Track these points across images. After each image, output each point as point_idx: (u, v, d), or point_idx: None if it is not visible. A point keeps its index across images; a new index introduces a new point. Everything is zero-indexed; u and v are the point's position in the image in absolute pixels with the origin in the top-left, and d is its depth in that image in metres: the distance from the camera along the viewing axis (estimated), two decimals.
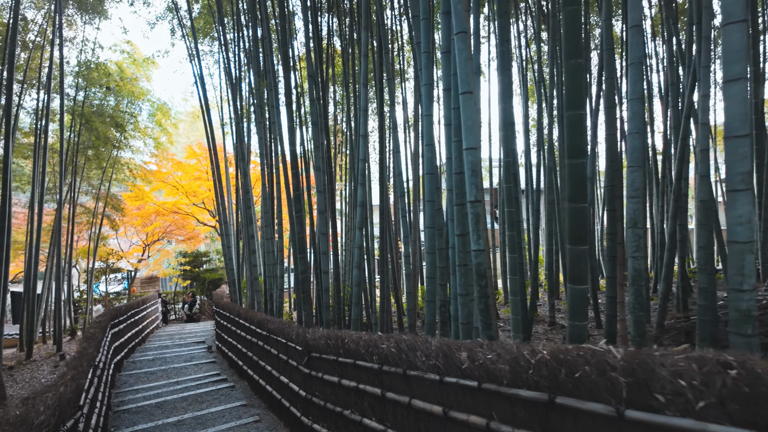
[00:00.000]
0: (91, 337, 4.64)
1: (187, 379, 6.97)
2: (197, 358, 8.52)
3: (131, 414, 5.47)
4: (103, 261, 18.49)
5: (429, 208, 4.23)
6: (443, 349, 2.29)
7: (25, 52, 11.60)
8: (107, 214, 14.92)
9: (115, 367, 7.26)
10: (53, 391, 2.18)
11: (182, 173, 17.59)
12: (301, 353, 4.22)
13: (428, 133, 4.17)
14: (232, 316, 7.60)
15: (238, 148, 9.31)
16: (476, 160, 2.58)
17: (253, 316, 6.04)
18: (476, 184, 2.56)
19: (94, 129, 12.33)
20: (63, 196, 12.62)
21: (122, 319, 8.33)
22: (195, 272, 20.48)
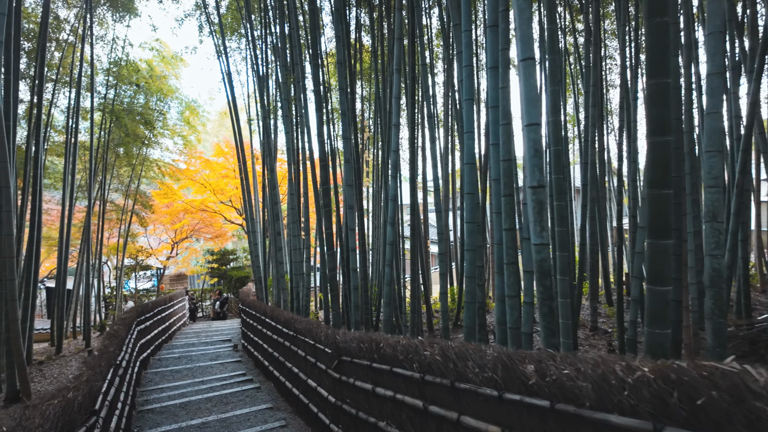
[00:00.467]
0: (114, 334, 4.48)
1: (213, 379, 6.80)
2: (223, 357, 8.38)
3: (155, 414, 5.30)
4: (132, 258, 18.78)
5: (469, 202, 3.87)
6: (503, 359, 1.94)
7: (58, 51, 11.76)
8: (136, 212, 15.08)
9: (141, 364, 7.17)
10: (60, 397, 1.95)
11: (210, 171, 17.68)
12: (331, 356, 3.93)
13: (468, 119, 3.82)
14: (257, 314, 7.41)
15: (264, 144, 9.14)
16: (538, 138, 2.22)
17: (279, 314, 5.80)
18: (539, 166, 2.20)
19: (124, 125, 12.43)
20: (94, 193, 12.77)
21: (148, 316, 8.26)
22: (222, 270, 20.59)
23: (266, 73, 10.32)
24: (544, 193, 2.28)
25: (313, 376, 4.51)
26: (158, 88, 13.31)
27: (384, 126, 7.00)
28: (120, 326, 5.10)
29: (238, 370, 7.36)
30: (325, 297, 7.44)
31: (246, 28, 11.31)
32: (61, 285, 9.46)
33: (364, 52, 11.79)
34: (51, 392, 2.26)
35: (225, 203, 18.45)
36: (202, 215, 19.57)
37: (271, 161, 8.87)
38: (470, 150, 3.84)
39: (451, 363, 2.27)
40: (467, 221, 3.89)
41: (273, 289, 10.25)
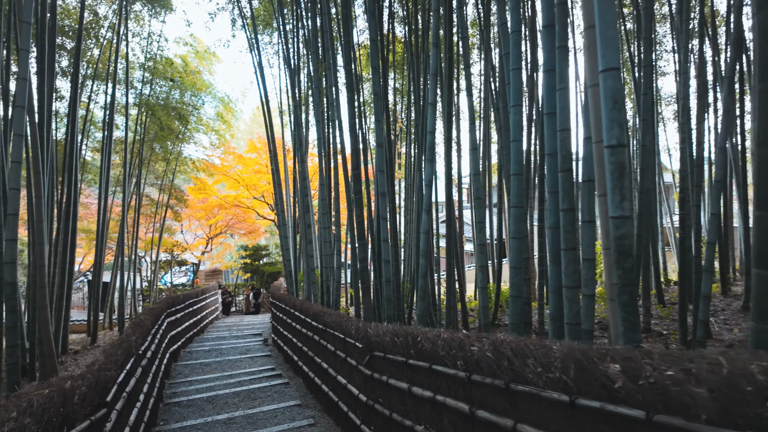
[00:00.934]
0: (139, 324, 4.32)
1: (241, 373, 6.63)
2: (253, 351, 8.24)
3: (182, 408, 5.15)
4: (168, 252, 19.15)
5: (516, 184, 3.47)
6: (575, 357, 1.56)
7: (97, 47, 11.99)
8: (171, 206, 15.30)
9: (171, 356, 7.09)
10: (53, 388, 1.71)
11: (243, 167, 17.78)
12: (362, 351, 3.61)
13: (516, 90, 3.41)
14: (287, 307, 7.20)
15: (295, 135, 8.95)
16: (618, 86, 1.81)
17: (308, 307, 5.54)
18: (618, 120, 1.79)
19: (157, 119, 12.57)
20: (130, 187, 13.00)
21: (179, 308, 8.21)
22: (255, 265, 20.75)
23: (298, 65, 10.17)
24: (625, 154, 1.87)
25: (342, 372, 4.21)
26: (192, 83, 13.40)
27: (417, 112, 6.64)
28: (146, 316, 4.96)
29: (268, 364, 7.18)
30: (356, 291, 7.15)
31: (278, 22, 11.20)
32: (98, 277, 9.59)
33: (397, 42, 11.47)
34: (54, 382, 2.03)
35: (258, 199, 18.54)
36: (235, 211, 19.75)
37: (301, 153, 8.66)
38: (517, 125, 3.43)
39: (505, 360, 1.90)
40: (514, 206, 3.48)
41: (303, 283, 10.07)
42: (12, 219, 4.10)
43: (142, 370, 3.88)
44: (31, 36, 4.46)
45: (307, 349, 5.76)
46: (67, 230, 7.53)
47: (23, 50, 4.32)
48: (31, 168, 5.40)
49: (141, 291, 17.64)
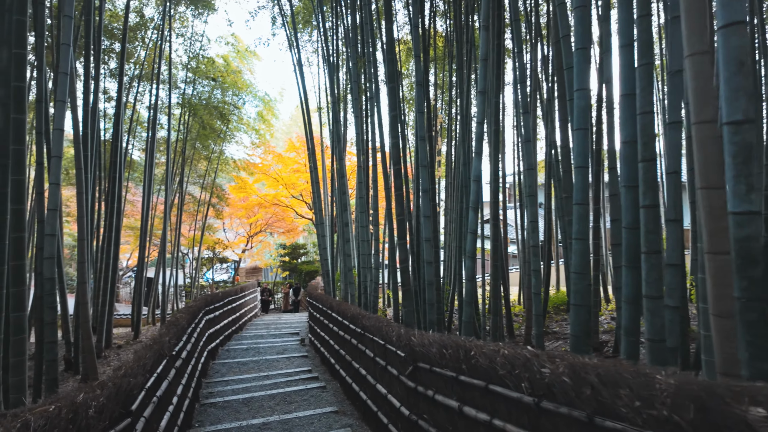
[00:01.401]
0: (174, 323, 4.21)
1: (278, 374, 6.49)
2: (289, 351, 8.12)
3: (217, 409, 5.03)
4: (210, 250, 19.57)
5: (579, 178, 3.06)
6: (695, 393, 1.20)
7: (143, 49, 12.30)
8: (213, 204, 15.55)
9: (209, 354, 7.05)
10: (61, 403, 1.52)
11: (282, 166, 17.91)
12: (404, 361, 3.31)
13: (581, 73, 3.01)
14: (324, 308, 7.01)
15: (334, 133, 8.76)
16: (743, 44, 1.43)
17: (345, 309, 5.30)
18: (744, 88, 1.40)
19: (199, 118, 12.76)
20: (173, 185, 13.28)
21: (218, 305, 8.19)
22: (293, 264, 20.88)
23: (337, 62, 10.02)
24: (753, 133, 1.48)
25: (382, 380, 3.93)
26: (233, 82, 13.54)
27: (461, 104, 6.27)
28: (182, 314, 4.87)
29: (304, 366, 7.01)
30: (395, 292, 6.87)
31: (317, 18, 11.11)
32: (141, 273, 9.77)
33: (438, 36, 11.11)
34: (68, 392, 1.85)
35: (296, 197, 18.64)
36: (274, 210, 19.96)
37: (339, 150, 8.47)
38: (584, 112, 3.03)
39: (587, 388, 1.55)
40: (577, 202, 3.08)
41: (340, 283, 9.90)
42: (51, 214, 4.07)
43: (175, 372, 3.74)
44: (72, 31, 4.43)
45: (344, 353, 5.52)
46: (111, 226, 7.65)
47: (64, 45, 4.30)
48: (78, 164, 5.42)
49: (183, 287, 18.09)
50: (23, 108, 4.07)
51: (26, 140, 4.07)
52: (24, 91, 4.07)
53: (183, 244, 19.48)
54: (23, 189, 4.05)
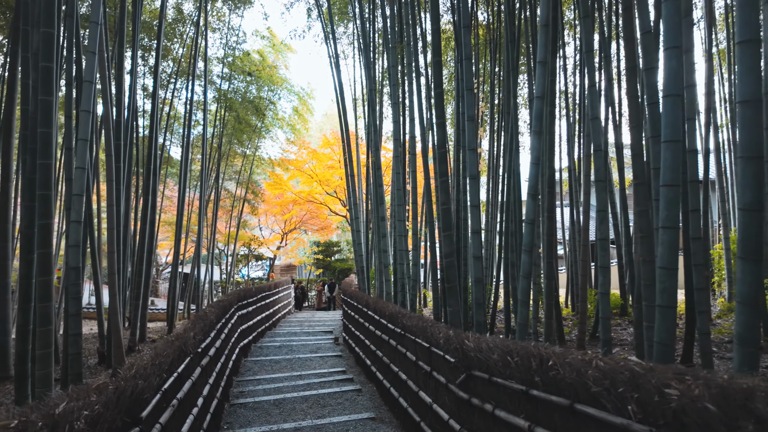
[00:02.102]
0: (201, 318, 3.93)
1: (311, 374, 6.17)
2: (323, 350, 7.80)
3: (248, 410, 4.74)
4: (246, 246, 19.68)
5: (669, 154, 2.53)
6: None
7: (180, 45, 12.34)
8: (248, 200, 15.55)
9: (241, 351, 6.82)
10: (31, 416, 1.20)
11: (317, 162, 17.78)
12: (454, 367, 2.87)
13: (674, 27, 2.49)
14: (360, 306, 6.64)
15: (370, 121, 8.40)
16: None
17: (383, 307, 4.90)
18: None
19: (235, 112, 12.70)
20: (209, 182, 13.30)
21: (251, 301, 7.98)
22: (327, 261, 20.75)
23: (374, 52, 9.67)
24: None
25: (426, 388, 3.49)
26: (268, 77, 13.43)
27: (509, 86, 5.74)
28: (212, 309, 4.60)
29: (338, 366, 6.67)
30: (435, 291, 6.41)
31: (354, 9, 10.81)
32: (175, 267, 9.73)
33: (480, 26, 10.58)
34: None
35: (330, 194, 18.45)
36: (308, 207, 19.87)
37: (376, 141, 8.10)
38: (675, 74, 2.50)
39: (750, 422, 1.07)
40: (666, 183, 2.56)
41: (375, 281, 9.54)
42: (77, 200, 3.86)
43: (201, 371, 3.44)
44: (101, 9, 4.23)
45: (381, 354, 5.12)
46: (146, 219, 7.56)
47: (93, 23, 4.09)
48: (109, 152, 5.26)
49: (219, 283, 18.24)
50: (51, 90, 3.89)
51: (54, 122, 3.88)
52: (52, 71, 3.89)
53: (219, 240, 19.69)
54: (50, 174, 3.87)
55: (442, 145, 4.10)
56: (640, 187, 3.87)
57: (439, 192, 4.16)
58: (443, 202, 4.09)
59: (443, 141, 4.11)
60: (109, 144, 5.08)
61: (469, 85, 4.08)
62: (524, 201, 5.11)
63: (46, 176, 3.85)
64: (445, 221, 4.09)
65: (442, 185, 4.09)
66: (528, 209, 3.56)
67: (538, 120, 3.57)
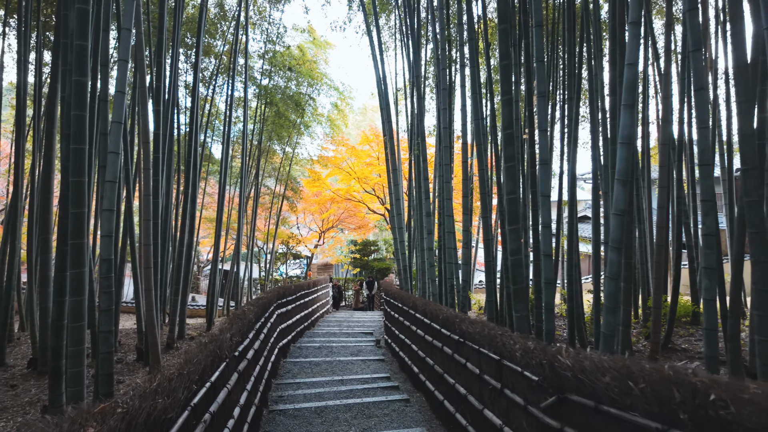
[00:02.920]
0: (239, 317, 3.57)
1: (353, 379, 5.76)
2: (364, 353, 7.39)
3: (288, 418, 4.37)
4: (284, 244, 19.64)
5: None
6: None
7: (222, 41, 12.29)
8: (287, 197, 15.42)
9: (281, 351, 6.50)
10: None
11: (355, 159, 17.48)
12: (538, 387, 2.35)
13: None
14: (405, 307, 6.17)
15: (416, 109, 7.90)
16: None
17: (436, 311, 4.41)
18: None
19: (274, 105, 12.53)
20: (249, 178, 13.21)
21: (290, 299, 7.67)
22: (364, 260, 20.41)
23: (418, 39, 9.20)
24: None
25: (494, 407, 2.98)
26: (308, 71, 13.19)
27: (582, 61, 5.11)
28: (251, 306, 4.26)
29: (381, 371, 6.23)
30: (491, 293, 5.86)
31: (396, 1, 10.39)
32: (215, 264, 9.59)
33: None
34: None
35: (368, 192, 18.11)
36: (346, 205, 19.62)
37: (420, 128, 7.60)
38: None
39: None
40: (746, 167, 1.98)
41: (418, 281, 9.06)
42: (110, 186, 3.59)
43: (238, 377, 3.07)
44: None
45: (432, 362, 4.63)
46: (186, 213, 7.39)
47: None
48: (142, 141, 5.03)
49: (258, 280, 18.25)
50: (85, 71, 3.63)
51: (87, 105, 3.62)
52: (86, 50, 3.63)
53: (259, 238, 19.75)
54: (83, 159, 3.62)
55: (510, 125, 3.56)
56: (750, 174, 3.20)
57: (505, 180, 3.62)
58: (510, 191, 3.55)
59: (510, 120, 3.56)
60: (146, 130, 4.85)
61: (540, 56, 3.53)
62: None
63: (79, 162, 3.60)
64: (511, 213, 3.54)
65: (508, 171, 3.55)
66: (618, 198, 2.98)
67: (630, 91, 2.97)
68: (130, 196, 5.28)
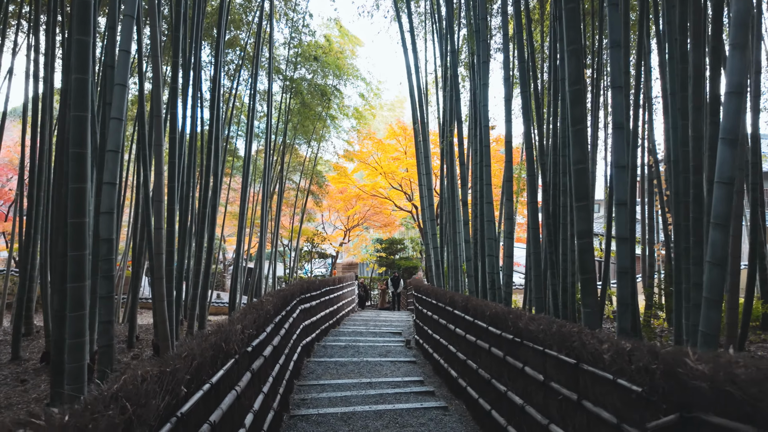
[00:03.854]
0: (256, 307, 3.07)
1: (383, 382, 5.21)
2: (394, 354, 6.84)
3: (310, 425, 3.86)
4: (309, 242, 19.28)
5: None
6: None
7: (248, 35, 11.98)
8: (312, 192, 15.05)
9: (304, 350, 6.02)
10: None
11: (382, 154, 16.95)
12: (641, 400, 1.75)
13: None
14: (440, 304, 5.59)
15: (451, 84, 7.29)
16: None
17: (482, 306, 3.83)
18: None
19: (300, 95, 12.14)
20: (272, 173, 12.87)
21: (315, 294, 7.20)
22: (390, 259, 19.85)
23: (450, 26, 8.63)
24: None
25: (567, 424, 2.38)
26: (335, 62, 12.75)
27: None
28: (270, 298, 3.77)
29: (413, 374, 5.66)
30: (540, 288, 5.22)
31: None
32: (237, 260, 9.25)
33: None
34: None
35: (395, 188, 17.54)
36: (372, 202, 19.13)
37: (457, 107, 6.99)
38: None
39: None
40: None
41: (449, 278, 8.46)
42: (111, 156, 3.15)
43: (251, 377, 2.57)
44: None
45: (475, 365, 4.05)
46: (206, 202, 7.01)
47: None
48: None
49: (283, 278, 17.95)
50: (87, 30, 3.22)
51: (89, 69, 3.21)
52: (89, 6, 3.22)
53: (283, 236, 19.46)
54: (85, 128, 3.20)
55: (577, 81, 2.93)
56: None
57: (572, 148, 3.00)
58: (577, 161, 2.92)
59: (578, 75, 2.93)
60: (159, 125, 4.41)
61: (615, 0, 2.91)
62: None
63: (81, 130, 3.18)
64: (580, 187, 2.92)
65: (577, 136, 2.92)
66: (724, 161, 2.34)
67: (740, 27, 2.32)
68: (147, 176, 4.85)
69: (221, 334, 2.02)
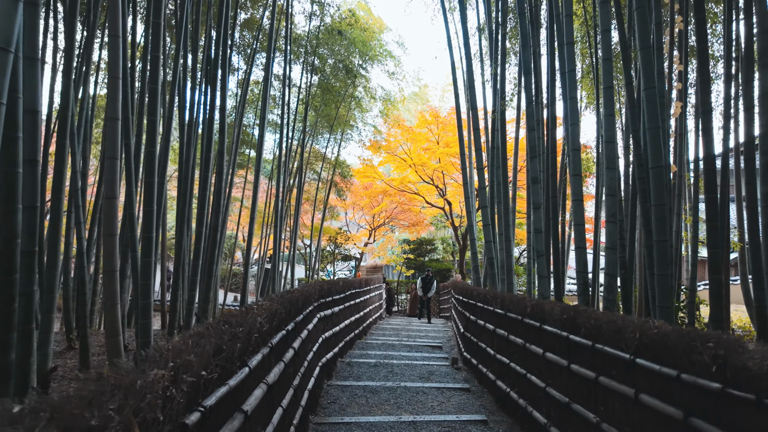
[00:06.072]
0: (231, 322, 1.70)
1: (432, 422, 3.76)
2: (438, 376, 5.37)
3: None
4: (331, 241, 17.97)
5: None
6: None
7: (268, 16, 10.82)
8: (335, 183, 13.75)
9: (323, 370, 4.62)
10: None
11: (412, 144, 15.46)
12: None
13: None
14: (510, 314, 4.11)
15: (498, 73, 5.90)
16: None
17: (574, 313, 2.36)
18: None
19: (322, 72, 10.85)
20: (290, 165, 11.65)
21: (336, 299, 5.81)
22: (419, 261, 18.32)
23: None
24: None
25: None
26: (360, 37, 11.40)
27: None
28: (269, 303, 2.39)
29: (470, 408, 4.19)
30: (614, 288, 3.70)
31: None
32: (248, 257, 8.01)
33: None
34: None
35: (426, 182, 15.99)
36: (400, 199, 17.66)
37: (503, 88, 5.54)
38: None
39: None
40: None
41: (497, 282, 6.98)
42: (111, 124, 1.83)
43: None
44: None
45: (577, 405, 2.56)
46: (205, 185, 5.74)
47: None
48: None
49: (303, 280, 16.70)
50: None
51: None
52: None
53: (304, 235, 18.21)
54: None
55: None
56: None
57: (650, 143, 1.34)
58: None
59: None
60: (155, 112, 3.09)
61: None
62: None
63: None
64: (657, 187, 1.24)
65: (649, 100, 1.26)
66: None
67: None
68: None
69: None
